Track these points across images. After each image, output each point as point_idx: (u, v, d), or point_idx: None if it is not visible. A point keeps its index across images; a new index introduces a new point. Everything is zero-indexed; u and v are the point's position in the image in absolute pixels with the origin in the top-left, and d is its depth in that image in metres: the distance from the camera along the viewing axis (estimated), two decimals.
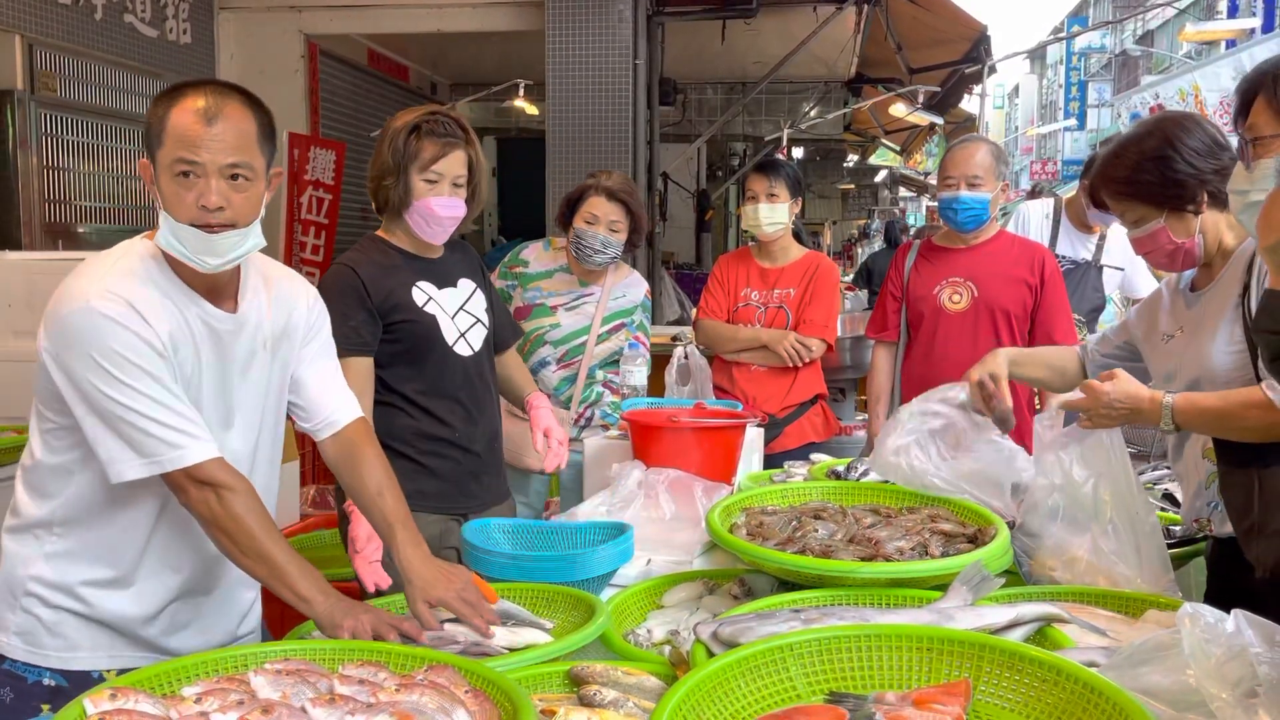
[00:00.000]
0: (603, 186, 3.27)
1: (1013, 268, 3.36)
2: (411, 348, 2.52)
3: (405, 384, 2.53)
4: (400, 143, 2.46)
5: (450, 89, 11.28)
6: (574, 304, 3.35)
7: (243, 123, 1.75)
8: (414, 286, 2.54)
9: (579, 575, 1.94)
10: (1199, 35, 19.24)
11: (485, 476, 2.64)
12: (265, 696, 1.31)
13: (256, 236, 1.80)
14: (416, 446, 2.53)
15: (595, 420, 3.38)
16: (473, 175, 2.52)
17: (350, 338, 2.41)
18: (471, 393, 2.60)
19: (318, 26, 8.24)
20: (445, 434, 2.55)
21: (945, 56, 9.76)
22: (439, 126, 2.46)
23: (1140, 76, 25.52)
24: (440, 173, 2.46)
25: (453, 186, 2.48)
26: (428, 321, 2.52)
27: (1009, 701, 1.29)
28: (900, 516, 2.06)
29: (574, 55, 7.16)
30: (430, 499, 2.50)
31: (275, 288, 1.94)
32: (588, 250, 3.27)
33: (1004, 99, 49.05)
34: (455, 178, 2.48)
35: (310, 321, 2.00)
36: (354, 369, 2.38)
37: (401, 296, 2.51)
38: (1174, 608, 1.46)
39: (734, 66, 10.54)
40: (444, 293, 2.59)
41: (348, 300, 2.44)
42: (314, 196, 7.92)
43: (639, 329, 3.47)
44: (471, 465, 2.60)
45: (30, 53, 5.88)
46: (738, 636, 1.44)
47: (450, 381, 2.56)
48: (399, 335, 2.50)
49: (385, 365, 2.51)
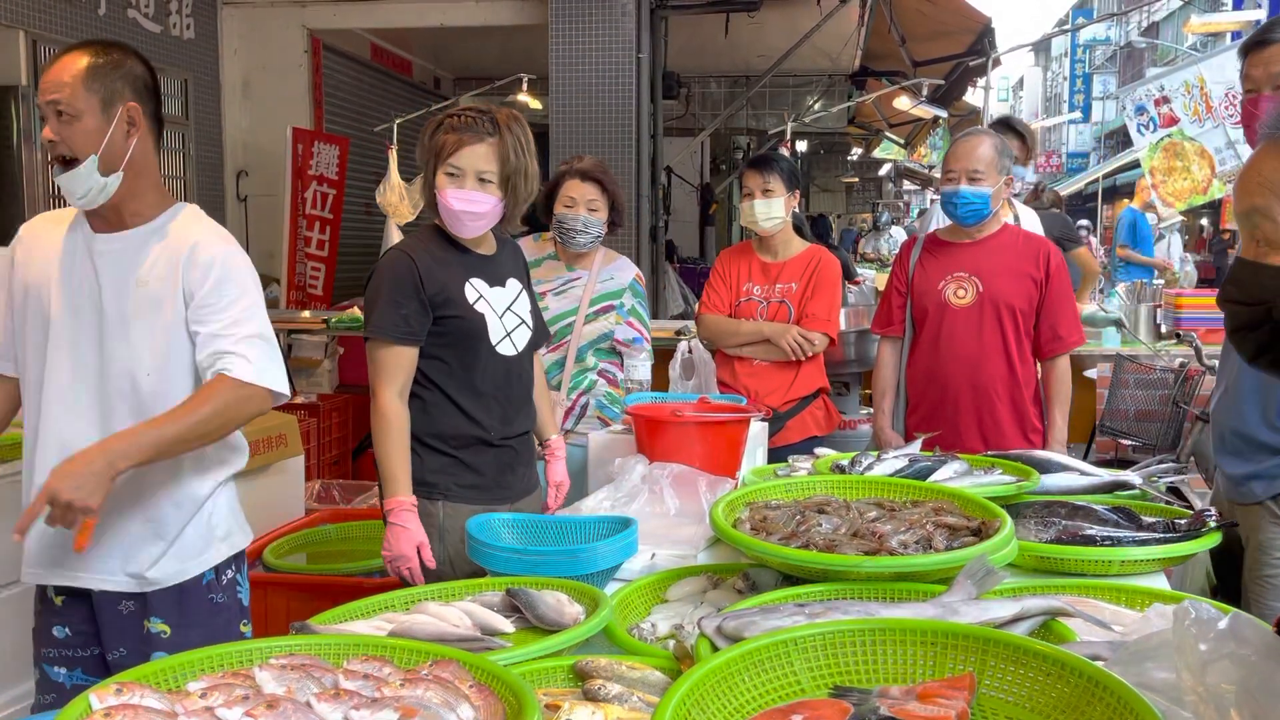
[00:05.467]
0: (575, 169, 3.36)
1: (1018, 262, 3.34)
2: (456, 343, 2.52)
3: (445, 379, 2.53)
4: (428, 138, 2.48)
5: (453, 83, 11.28)
6: (562, 288, 3.40)
7: (69, 65, 2.05)
8: (467, 283, 2.53)
9: (583, 570, 1.94)
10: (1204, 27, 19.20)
11: (519, 468, 2.66)
12: (270, 691, 1.32)
13: (93, 176, 2.05)
14: (451, 442, 2.54)
15: (590, 410, 3.39)
16: (505, 169, 2.45)
17: (400, 325, 2.45)
18: (509, 393, 2.60)
19: (321, 21, 8.25)
20: (479, 434, 2.55)
21: (949, 49, 9.75)
22: (462, 121, 2.44)
23: (1145, 69, 25.47)
24: (460, 166, 2.43)
25: (478, 181, 2.44)
26: (476, 320, 2.52)
27: (1014, 695, 1.29)
28: (904, 510, 2.06)
29: (577, 49, 7.16)
30: (468, 490, 2.54)
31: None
32: (571, 232, 3.33)
33: (1008, 92, 48.93)
34: (480, 172, 2.43)
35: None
36: (399, 357, 2.46)
37: (454, 291, 2.50)
38: (1179, 602, 1.46)
39: (737, 60, 10.53)
40: (494, 291, 2.58)
41: (402, 288, 2.46)
42: (318, 191, 7.93)
43: (631, 314, 3.47)
44: (506, 458, 2.62)
45: (34, 48, 5.89)
46: (742, 631, 1.44)
47: (490, 381, 2.56)
48: (446, 329, 2.50)
49: (427, 357, 2.51)
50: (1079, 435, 4.54)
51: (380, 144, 7.97)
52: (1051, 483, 2.46)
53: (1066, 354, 3.39)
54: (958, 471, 2.44)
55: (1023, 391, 3.34)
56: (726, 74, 11.57)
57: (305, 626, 1.65)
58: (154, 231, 2.16)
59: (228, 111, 8.10)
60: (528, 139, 2.51)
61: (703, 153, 12.50)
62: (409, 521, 2.39)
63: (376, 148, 8.34)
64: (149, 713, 1.24)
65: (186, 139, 7.51)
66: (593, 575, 1.96)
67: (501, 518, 2.27)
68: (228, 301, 2.12)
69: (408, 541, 2.37)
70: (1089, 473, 2.58)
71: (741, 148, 13.40)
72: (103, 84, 2.06)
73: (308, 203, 7.81)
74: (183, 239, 2.15)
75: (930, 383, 3.40)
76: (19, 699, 2.93)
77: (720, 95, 11.81)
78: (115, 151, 2.08)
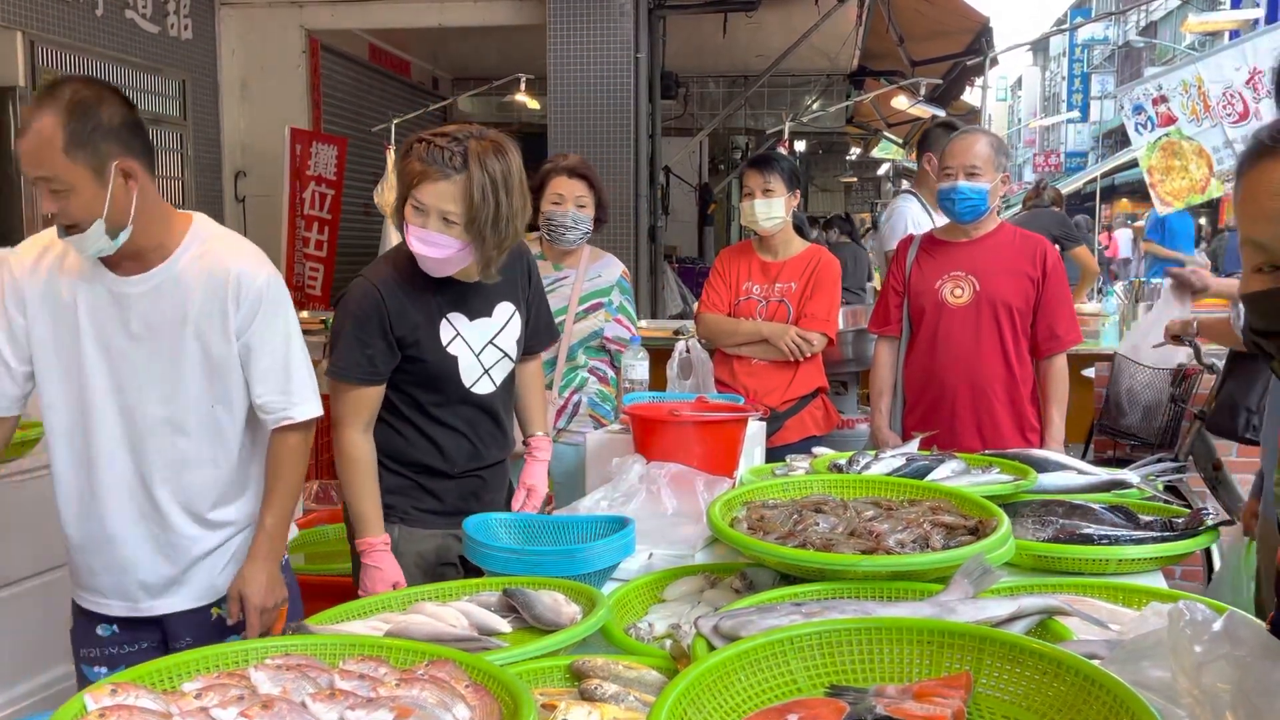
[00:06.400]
0: (561, 166, 3.35)
1: (1014, 261, 3.35)
2: (425, 383, 2.40)
3: (412, 411, 2.42)
4: (400, 158, 2.32)
5: (452, 83, 11.28)
6: (551, 288, 3.35)
7: (42, 135, 1.91)
8: (443, 319, 2.37)
9: (580, 569, 1.94)
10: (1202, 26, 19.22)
11: (486, 494, 2.55)
12: (266, 692, 1.31)
13: (101, 238, 1.98)
14: (411, 468, 2.45)
15: (583, 409, 3.38)
16: (471, 211, 2.20)
17: (363, 366, 2.32)
18: (479, 428, 2.48)
19: (319, 21, 8.24)
20: (444, 467, 2.45)
21: (947, 49, 9.75)
22: (430, 151, 2.21)
23: (1143, 68, 25.47)
24: (424, 203, 2.22)
25: (442, 221, 2.22)
26: (449, 362, 2.38)
27: (1010, 694, 1.28)
28: (901, 509, 2.06)
29: (575, 49, 7.16)
30: (425, 515, 2.46)
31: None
32: (559, 229, 3.33)
33: (1007, 91, 48.94)
34: (443, 212, 2.21)
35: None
36: (363, 397, 2.34)
37: (425, 332, 2.35)
38: (1176, 601, 1.46)
39: (736, 60, 10.53)
40: (475, 325, 2.42)
41: (368, 326, 2.31)
42: (316, 192, 7.92)
43: (619, 311, 3.47)
44: (471, 487, 2.51)
45: (32, 49, 5.88)
46: (739, 630, 1.44)
47: (460, 418, 2.44)
48: (414, 370, 2.38)
49: (394, 388, 2.40)
50: (1077, 434, 4.53)
51: (378, 144, 7.97)
52: (1049, 482, 2.45)
53: (1064, 353, 3.39)
54: (955, 470, 2.44)
55: (1020, 390, 3.34)
56: (725, 74, 11.57)
57: (302, 627, 1.65)
58: (186, 261, 2.11)
59: (226, 112, 8.09)
60: (506, 175, 2.23)
61: (701, 153, 12.50)
62: (383, 562, 2.33)
63: (375, 148, 8.33)
64: (144, 713, 1.23)
65: (184, 140, 7.49)
66: (590, 575, 1.95)
67: (499, 517, 2.27)
68: (276, 335, 2.17)
69: (382, 582, 2.29)
70: (1086, 471, 2.58)
71: (740, 147, 13.40)
72: (86, 151, 1.93)
73: (306, 203, 7.80)
74: (222, 269, 2.11)
75: (928, 382, 3.40)
76: (18, 699, 2.93)
77: (718, 95, 11.81)
78: (119, 209, 2.00)
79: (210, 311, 2.11)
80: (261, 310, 2.14)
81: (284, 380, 2.18)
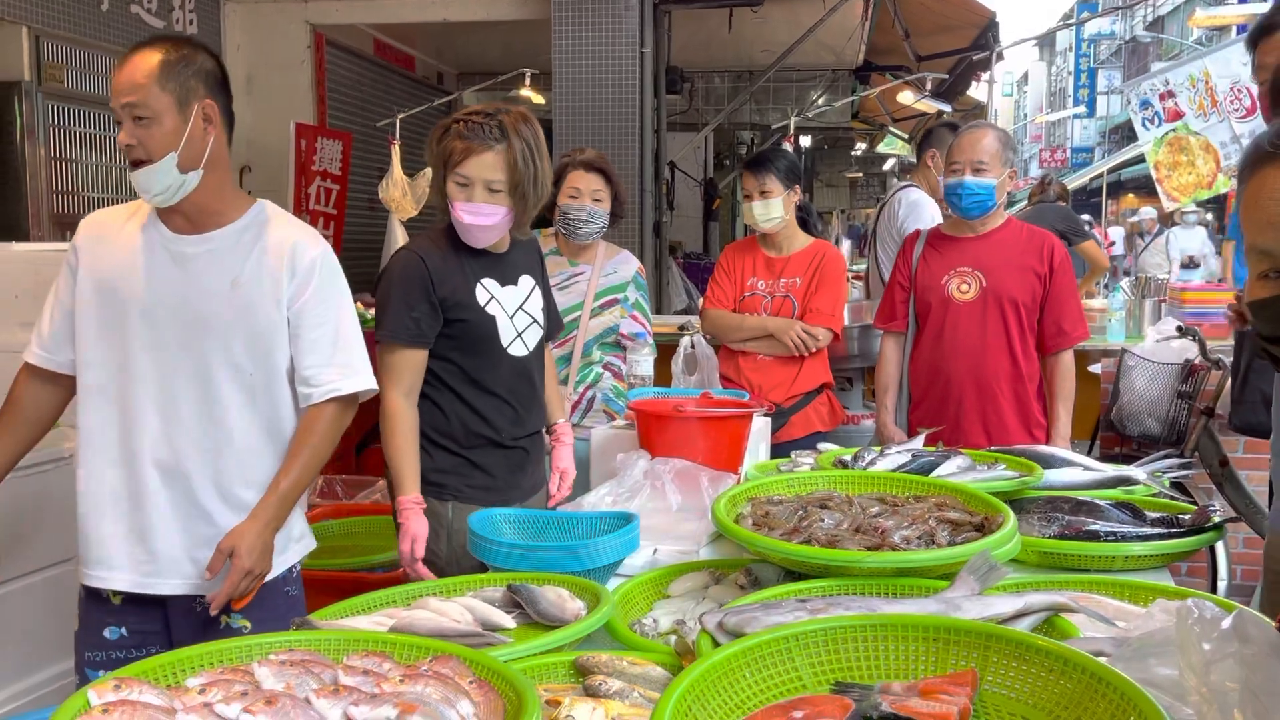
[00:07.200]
0: (579, 160, 3.35)
1: (1021, 256, 3.33)
2: (468, 345, 2.52)
3: (456, 380, 2.53)
4: (436, 142, 2.46)
5: (457, 79, 11.27)
6: (566, 283, 3.37)
7: (140, 64, 2.01)
8: (479, 284, 2.53)
9: (585, 565, 1.94)
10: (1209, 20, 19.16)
11: (529, 467, 2.67)
12: (269, 687, 1.31)
13: (171, 173, 2.03)
14: (461, 443, 2.55)
15: (597, 404, 3.38)
16: (514, 177, 2.43)
17: (410, 328, 2.45)
18: (520, 393, 2.60)
19: (324, 17, 8.24)
20: (490, 434, 2.56)
21: (953, 44, 9.73)
22: (469, 128, 2.41)
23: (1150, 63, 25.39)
24: (468, 176, 2.42)
25: (488, 191, 2.42)
26: (487, 322, 2.52)
27: (1016, 691, 1.28)
28: (907, 505, 2.05)
29: (580, 44, 7.15)
30: (477, 491, 2.53)
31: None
32: (576, 223, 3.32)
33: (1013, 86, 48.84)
34: (488, 182, 2.41)
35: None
36: (408, 360, 2.46)
37: (465, 293, 2.50)
38: (1183, 598, 1.45)
39: (741, 55, 10.52)
40: (505, 291, 2.57)
41: (412, 290, 2.45)
42: (321, 187, 7.92)
43: (635, 308, 3.47)
44: (517, 459, 2.63)
45: (37, 44, 5.89)
46: (743, 626, 1.43)
47: (501, 382, 2.56)
48: (457, 332, 2.50)
49: (438, 358, 2.51)
50: (1084, 431, 4.52)
51: (383, 139, 7.96)
52: (1055, 478, 2.45)
53: (1070, 349, 3.38)
54: (961, 467, 2.43)
55: (1026, 386, 3.33)
56: (730, 69, 11.56)
57: (306, 622, 1.65)
58: (244, 230, 2.15)
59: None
60: (537, 141, 2.47)
61: (706, 148, 12.49)
62: (408, 519, 2.40)
63: (380, 143, 8.33)
64: (147, 709, 1.23)
65: None
66: (594, 571, 1.95)
67: (503, 513, 2.27)
68: (328, 308, 2.18)
69: (404, 538, 2.38)
70: (1093, 468, 2.57)
71: (745, 143, 13.39)
72: (177, 82, 2.03)
73: (311, 198, 7.81)
74: (281, 240, 2.15)
75: (933, 378, 3.39)
76: (16, 697, 2.94)
77: (724, 90, 11.80)
78: (194, 149, 2.05)
79: (261, 276, 2.12)
80: (315, 281, 2.15)
81: (332, 352, 2.17)
